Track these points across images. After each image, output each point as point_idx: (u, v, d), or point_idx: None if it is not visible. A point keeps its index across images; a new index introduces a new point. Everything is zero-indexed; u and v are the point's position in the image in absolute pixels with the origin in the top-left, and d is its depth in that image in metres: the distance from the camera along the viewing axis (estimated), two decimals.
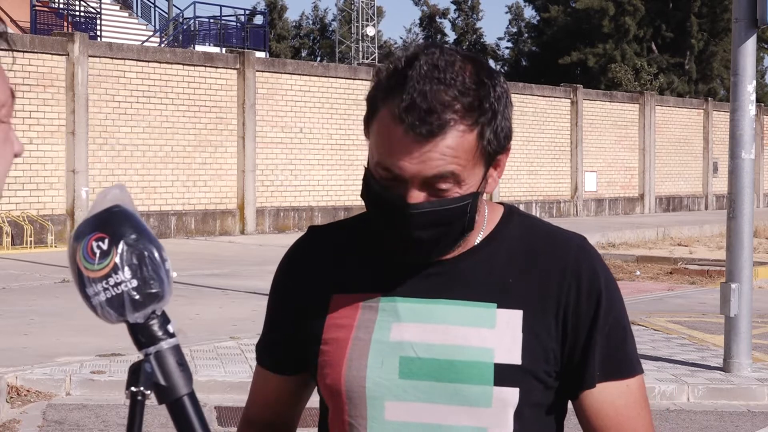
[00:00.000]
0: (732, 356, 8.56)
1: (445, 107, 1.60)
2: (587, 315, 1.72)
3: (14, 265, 15.81)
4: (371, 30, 51.10)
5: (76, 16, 30.79)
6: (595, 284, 1.73)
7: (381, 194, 1.67)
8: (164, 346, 1.46)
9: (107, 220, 1.45)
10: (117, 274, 1.42)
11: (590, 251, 1.78)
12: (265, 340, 1.87)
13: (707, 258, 18.37)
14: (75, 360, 8.40)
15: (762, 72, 60.68)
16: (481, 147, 1.64)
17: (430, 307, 1.71)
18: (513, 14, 66.28)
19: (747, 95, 8.41)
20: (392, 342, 1.70)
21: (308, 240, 1.86)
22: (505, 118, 1.67)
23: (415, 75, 1.61)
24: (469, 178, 1.65)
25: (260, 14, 45.36)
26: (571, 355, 1.72)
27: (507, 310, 1.70)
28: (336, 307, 1.75)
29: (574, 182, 31.54)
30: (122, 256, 1.43)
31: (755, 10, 8.32)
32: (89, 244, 1.43)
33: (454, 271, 1.73)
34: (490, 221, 1.78)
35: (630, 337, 1.77)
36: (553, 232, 1.79)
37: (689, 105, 36.94)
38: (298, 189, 24.02)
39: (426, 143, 1.61)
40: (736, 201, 8.49)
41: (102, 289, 1.43)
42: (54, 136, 19.65)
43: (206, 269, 15.55)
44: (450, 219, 1.65)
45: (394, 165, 1.63)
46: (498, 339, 1.68)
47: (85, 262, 1.43)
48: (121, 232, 1.43)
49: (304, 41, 68.50)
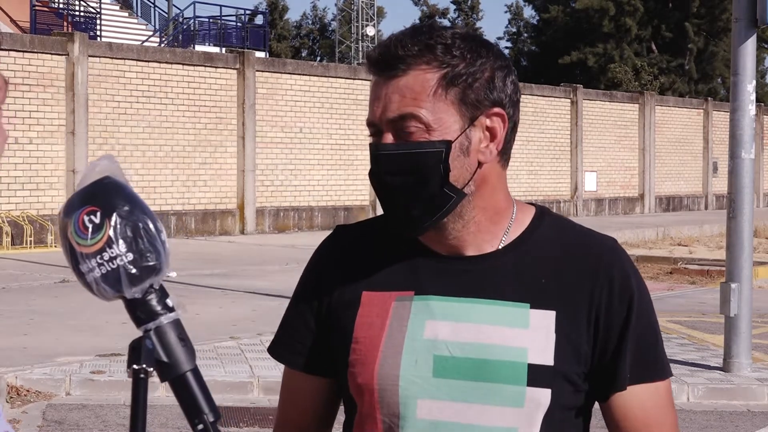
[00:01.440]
0: (732, 356, 8.56)
1: (411, 51, 1.65)
2: (619, 317, 1.71)
3: (14, 265, 15.81)
4: (371, 30, 51.09)
5: (76, 16, 30.79)
6: (628, 286, 1.73)
7: (370, 152, 1.71)
8: (164, 321, 1.40)
9: (98, 192, 1.38)
10: (111, 248, 1.36)
11: (622, 253, 1.78)
12: (286, 337, 1.84)
13: (707, 258, 18.36)
14: (75, 360, 8.39)
15: (762, 72, 60.68)
16: (444, 91, 1.65)
17: (463, 306, 1.70)
18: (513, 14, 66.30)
19: (747, 95, 8.41)
20: (426, 340, 1.69)
21: (336, 238, 1.85)
22: (490, 78, 1.68)
23: (398, 33, 1.69)
24: (436, 124, 1.65)
25: (261, 14, 45.34)
26: (603, 356, 1.71)
27: (540, 311, 1.69)
28: (367, 305, 1.74)
29: (574, 182, 31.54)
30: (116, 229, 1.36)
31: (755, 10, 8.31)
32: (80, 218, 1.36)
33: (487, 270, 1.72)
34: (521, 221, 1.78)
35: (660, 340, 1.77)
36: (584, 233, 1.79)
37: (689, 105, 36.93)
38: (298, 189, 24.01)
39: (390, 84, 1.66)
40: (736, 201, 8.49)
41: (96, 264, 1.36)
42: (54, 136, 19.65)
43: (206, 269, 15.55)
44: (418, 165, 1.65)
45: (371, 114, 1.68)
46: (531, 339, 1.67)
47: (77, 237, 1.36)
48: (114, 204, 1.37)
49: (304, 41, 68.50)
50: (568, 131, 31.59)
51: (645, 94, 34.85)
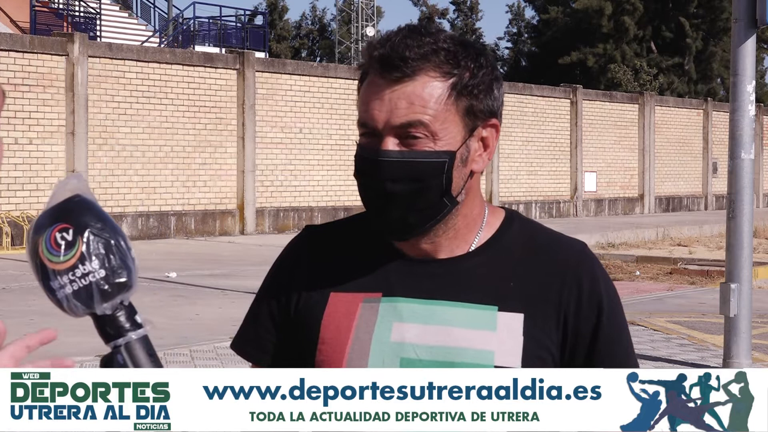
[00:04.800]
0: (732, 356, 8.56)
1: (418, 55, 1.64)
2: (588, 321, 1.73)
3: (14, 265, 15.81)
4: (371, 30, 51.09)
5: (76, 16, 30.80)
6: (596, 289, 1.74)
7: (359, 154, 1.69)
8: (133, 337, 1.43)
9: (69, 210, 1.40)
10: (84, 264, 1.38)
11: (590, 257, 1.78)
12: (252, 333, 1.83)
13: (707, 258, 18.37)
14: (75, 360, 8.38)
15: (762, 72, 60.70)
16: (454, 101, 1.66)
17: (431, 308, 1.70)
18: (513, 14, 66.31)
19: (747, 95, 8.41)
20: (393, 342, 1.69)
21: (305, 238, 1.85)
22: (487, 87, 1.69)
23: (395, 33, 1.67)
24: (442, 133, 1.66)
25: (261, 14, 45.36)
26: (572, 359, 1.72)
27: (508, 314, 1.70)
28: (334, 306, 1.74)
29: (574, 182, 31.54)
30: (89, 246, 1.38)
31: (755, 10, 8.31)
32: (52, 235, 1.38)
33: (455, 272, 1.73)
34: (492, 225, 1.78)
35: (630, 341, 1.79)
36: (553, 237, 1.80)
37: (689, 105, 36.94)
38: (297, 189, 24.02)
39: (396, 89, 1.64)
40: (735, 201, 8.49)
41: (68, 281, 1.38)
42: (54, 136, 19.65)
43: (206, 269, 15.55)
44: (422, 175, 1.65)
45: (369, 117, 1.66)
46: (499, 342, 1.68)
47: (48, 254, 1.38)
48: (85, 222, 1.39)
49: (303, 41, 68.52)
50: (568, 131, 31.60)
51: (645, 95, 34.86)
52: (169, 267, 15.16)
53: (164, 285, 13.41)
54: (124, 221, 20.68)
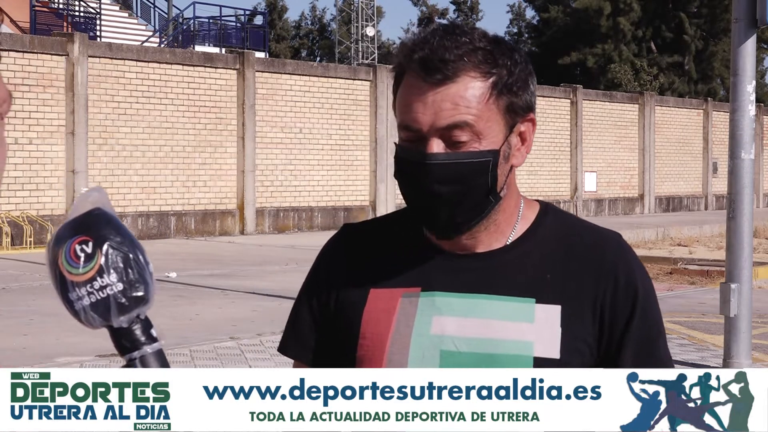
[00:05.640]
0: (732, 356, 8.56)
1: (458, 56, 1.66)
2: (623, 312, 1.75)
3: (14, 266, 15.81)
4: (371, 30, 51.09)
5: (76, 16, 30.79)
6: (632, 281, 1.76)
7: (403, 157, 1.70)
8: (148, 351, 1.45)
9: (90, 223, 1.42)
10: (102, 277, 1.40)
11: (627, 249, 1.80)
12: (294, 332, 1.86)
13: (707, 258, 18.36)
14: (75, 360, 8.39)
15: (762, 72, 60.70)
16: (495, 99, 1.68)
17: (469, 302, 1.73)
18: (514, 14, 66.31)
19: (747, 95, 8.41)
20: (433, 336, 1.72)
21: (343, 237, 1.88)
22: (524, 83, 1.72)
23: (431, 34, 1.69)
24: (486, 132, 1.68)
25: (260, 14, 45.36)
26: (607, 350, 1.74)
27: (545, 305, 1.72)
28: (374, 302, 1.76)
29: (574, 182, 31.54)
30: (107, 259, 1.40)
31: (755, 10, 8.31)
32: (72, 247, 1.40)
33: (492, 265, 1.75)
34: (527, 218, 1.80)
35: (663, 335, 1.81)
36: (589, 228, 1.82)
37: (689, 105, 36.95)
38: (297, 189, 24.02)
39: (439, 91, 1.66)
40: (735, 201, 8.48)
41: (86, 293, 1.40)
42: (54, 136, 19.65)
43: (206, 269, 15.55)
44: (469, 175, 1.67)
45: (412, 119, 1.68)
46: (537, 333, 1.70)
47: (68, 265, 1.40)
48: (105, 235, 1.41)
49: (303, 41, 68.51)
50: (568, 131, 31.60)
51: (645, 95, 34.86)
52: (169, 267, 15.16)
53: (164, 285, 13.40)
54: (124, 221, 20.66)
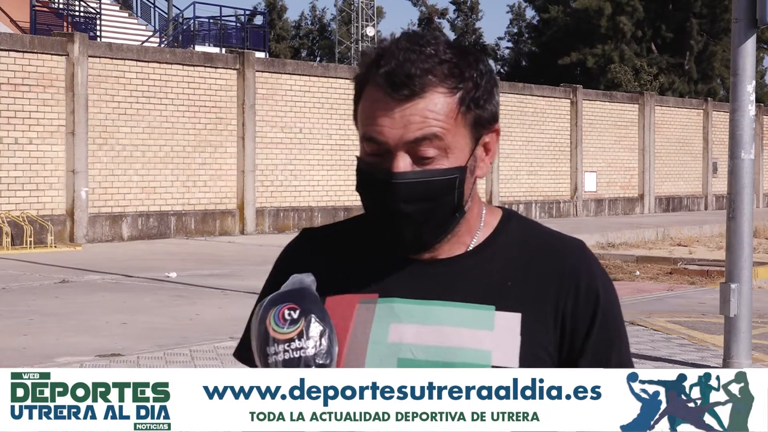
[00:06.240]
0: (732, 356, 8.56)
1: (425, 71, 1.63)
2: (584, 319, 1.72)
3: (14, 265, 15.81)
4: (371, 30, 51.08)
5: (76, 16, 30.79)
6: (593, 288, 1.74)
7: (369, 172, 1.67)
8: None
9: (301, 296, 1.67)
10: (300, 341, 1.62)
11: (588, 255, 1.78)
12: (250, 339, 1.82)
13: (707, 258, 18.36)
14: (75, 360, 8.39)
15: (762, 72, 60.68)
16: (463, 113, 1.65)
17: (428, 309, 1.70)
18: (514, 14, 66.29)
19: (747, 95, 8.41)
20: (390, 343, 1.69)
21: (302, 242, 1.85)
22: (489, 94, 1.69)
23: (396, 47, 1.65)
24: (453, 146, 1.65)
25: (260, 14, 45.35)
26: (569, 358, 1.72)
27: (505, 313, 1.70)
28: (331, 308, 1.73)
29: (574, 182, 31.54)
30: (308, 328, 1.63)
31: (755, 10, 8.31)
32: (282, 311, 1.65)
33: (452, 272, 1.73)
34: (489, 224, 1.78)
35: (625, 342, 1.79)
36: (551, 235, 1.80)
37: (689, 105, 36.94)
38: (297, 189, 24.02)
39: (407, 106, 1.62)
40: (735, 201, 8.48)
41: (282, 350, 1.62)
42: (54, 136, 19.65)
43: (206, 269, 15.54)
44: (436, 193, 1.65)
45: (378, 132, 1.64)
46: (496, 342, 1.68)
47: (275, 324, 1.64)
48: (310, 309, 1.65)
49: (303, 41, 68.50)
50: (568, 132, 31.60)
51: (645, 95, 34.85)
52: (169, 267, 15.15)
53: (164, 285, 13.40)
54: (124, 221, 20.69)
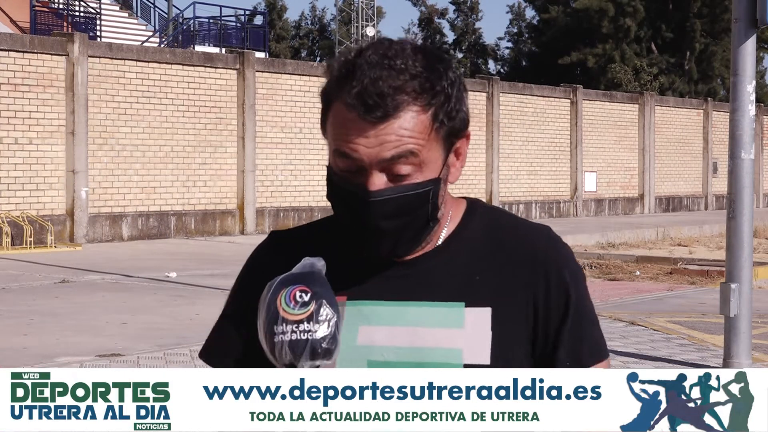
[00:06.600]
0: (732, 356, 8.56)
1: (397, 90, 1.60)
2: (557, 307, 1.71)
3: (14, 265, 15.81)
4: (371, 30, 51.08)
5: (76, 16, 30.79)
6: (564, 276, 1.72)
7: (342, 187, 1.67)
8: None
9: (314, 280, 1.66)
10: (308, 323, 1.62)
11: (556, 240, 1.76)
12: (222, 341, 1.82)
13: (707, 258, 18.36)
14: (75, 360, 8.39)
15: (762, 72, 60.67)
16: (436, 129, 1.64)
17: (397, 310, 1.69)
18: (514, 14, 66.29)
19: (747, 95, 8.41)
20: (360, 346, 1.68)
21: (270, 244, 1.84)
22: (460, 102, 1.67)
23: (364, 63, 1.62)
24: (428, 160, 1.64)
25: (260, 14, 45.34)
26: (543, 346, 1.71)
27: (475, 309, 1.68)
28: None
29: (574, 182, 31.54)
30: (318, 312, 1.62)
31: (755, 10, 8.31)
32: (293, 292, 1.64)
33: (420, 271, 1.71)
34: (454, 217, 1.76)
35: (597, 323, 1.77)
36: (517, 224, 1.78)
37: (689, 105, 36.94)
38: (297, 189, 24.02)
39: (381, 127, 1.61)
40: (735, 201, 8.48)
41: (290, 330, 1.61)
42: (54, 136, 19.65)
43: (206, 269, 15.54)
44: (412, 207, 1.64)
45: (353, 150, 1.63)
46: (466, 339, 1.66)
47: (285, 304, 1.63)
48: (321, 293, 1.64)
49: (303, 41, 68.49)
50: (568, 132, 31.60)
51: (645, 95, 34.85)
52: (169, 267, 15.15)
53: (164, 285, 13.41)
54: (124, 221, 20.68)
